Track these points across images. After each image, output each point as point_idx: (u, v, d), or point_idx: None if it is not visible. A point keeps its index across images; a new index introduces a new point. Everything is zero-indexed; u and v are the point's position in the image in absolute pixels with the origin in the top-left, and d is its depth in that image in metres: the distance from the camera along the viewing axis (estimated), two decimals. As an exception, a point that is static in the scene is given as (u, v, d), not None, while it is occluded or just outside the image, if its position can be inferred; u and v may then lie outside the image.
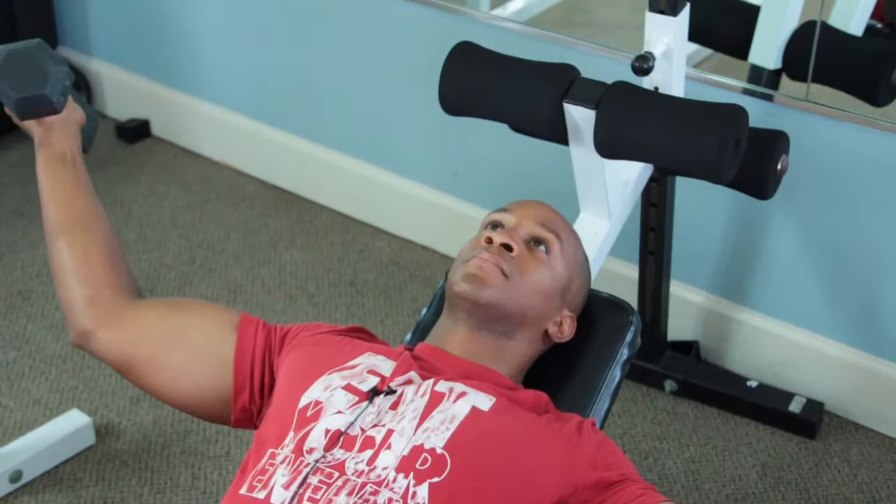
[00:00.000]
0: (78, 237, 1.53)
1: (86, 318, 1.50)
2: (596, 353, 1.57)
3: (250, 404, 1.46)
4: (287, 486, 1.24)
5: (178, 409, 1.52)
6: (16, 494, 2.09)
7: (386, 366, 1.38)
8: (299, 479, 1.24)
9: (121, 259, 1.56)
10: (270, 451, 1.30)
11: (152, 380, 1.49)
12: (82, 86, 3.34)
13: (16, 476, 2.09)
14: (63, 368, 2.41)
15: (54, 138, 1.57)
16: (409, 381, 1.35)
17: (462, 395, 1.32)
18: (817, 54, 2.08)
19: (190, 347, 1.48)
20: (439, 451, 1.25)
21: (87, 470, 2.15)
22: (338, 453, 1.27)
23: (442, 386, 1.33)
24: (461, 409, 1.30)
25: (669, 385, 2.32)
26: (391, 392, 1.33)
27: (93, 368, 2.41)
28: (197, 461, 2.17)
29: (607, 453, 1.32)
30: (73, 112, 1.59)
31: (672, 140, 1.65)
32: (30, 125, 1.57)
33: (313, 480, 1.24)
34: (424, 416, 1.29)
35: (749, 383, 2.30)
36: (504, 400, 1.34)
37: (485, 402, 1.32)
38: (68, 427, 2.18)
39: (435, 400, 1.31)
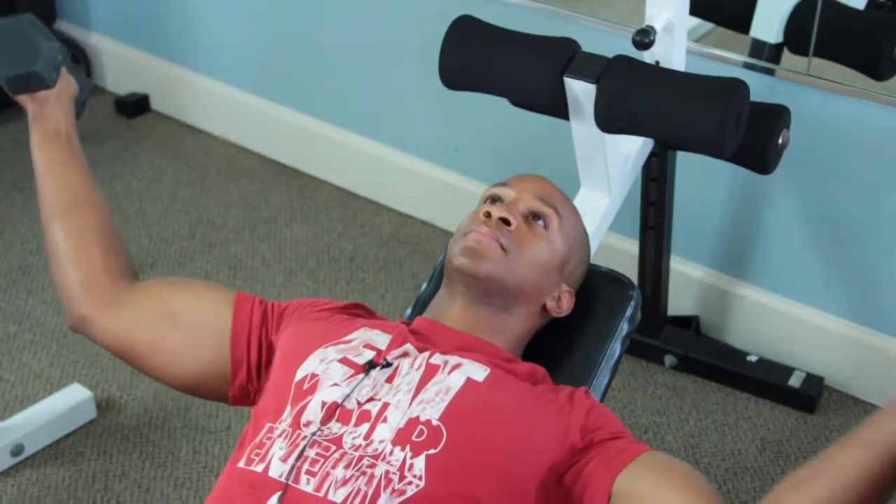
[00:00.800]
0: (74, 220, 1.51)
1: (82, 304, 1.50)
2: (596, 327, 1.57)
3: (248, 382, 1.46)
4: (285, 459, 1.25)
5: (179, 391, 1.52)
6: (17, 468, 2.10)
7: (382, 339, 1.38)
8: (297, 451, 1.25)
9: (117, 241, 1.55)
10: (268, 424, 1.31)
11: (151, 363, 1.49)
12: (81, 60, 3.33)
13: (17, 450, 2.10)
14: (64, 343, 2.42)
15: (48, 113, 1.56)
16: (405, 354, 1.35)
17: (457, 366, 1.32)
18: (819, 28, 2.08)
19: (186, 329, 1.47)
20: (435, 422, 1.26)
21: (88, 444, 2.16)
22: (335, 427, 1.27)
23: (437, 358, 1.34)
24: (456, 380, 1.30)
25: (669, 360, 2.33)
26: (387, 365, 1.33)
27: (93, 343, 2.41)
28: (198, 435, 2.18)
29: (598, 415, 1.33)
30: (66, 86, 1.58)
31: (673, 114, 1.64)
32: (23, 100, 1.57)
33: (311, 453, 1.24)
34: (419, 389, 1.29)
35: (749, 358, 2.31)
36: (499, 371, 1.34)
37: (480, 373, 1.32)
38: (69, 401, 2.19)
39: (430, 372, 1.32)
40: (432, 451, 1.24)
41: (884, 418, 1.11)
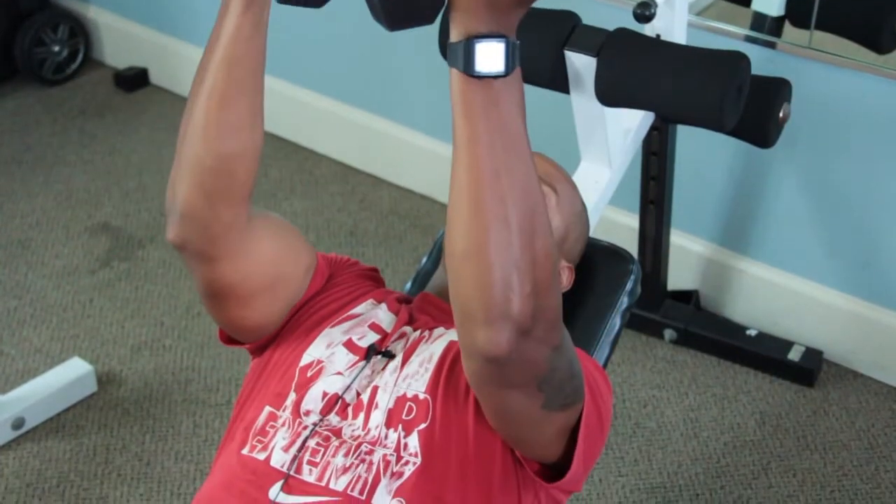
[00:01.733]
0: (253, 140, 1.26)
1: (216, 244, 1.28)
2: (596, 301, 1.57)
3: (269, 339, 1.42)
4: (286, 449, 1.26)
5: (223, 327, 1.40)
6: (18, 441, 2.11)
7: (387, 319, 1.38)
8: (298, 442, 1.26)
9: None
10: (269, 410, 1.31)
11: (235, 312, 1.35)
12: (79, 33, 3.32)
13: (18, 423, 2.11)
14: (64, 317, 2.42)
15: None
16: (402, 336, 1.36)
17: (440, 335, 1.33)
18: (820, 1, 2.07)
19: (278, 296, 1.37)
20: (422, 396, 1.26)
21: (88, 417, 2.17)
22: (334, 420, 1.28)
23: (425, 333, 1.34)
24: (438, 346, 1.31)
25: (669, 334, 2.33)
26: (388, 354, 1.33)
27: (94, 317, 2.42)
28: (198, 409, 2.19)
29: None
30: None
31: (674, 87, 1.64)
32: None
33: (311, 443, 1.25)
34: (404, 363, 1.30)
35: (748, 332, 2.31)
36: None
37: None
38: (70, 375, 2.19)
39: (414, 346, 1.32)
40: (423, 426, 1.24)
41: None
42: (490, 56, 1.02)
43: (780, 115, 1.89)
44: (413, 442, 1.24)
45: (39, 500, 1.99)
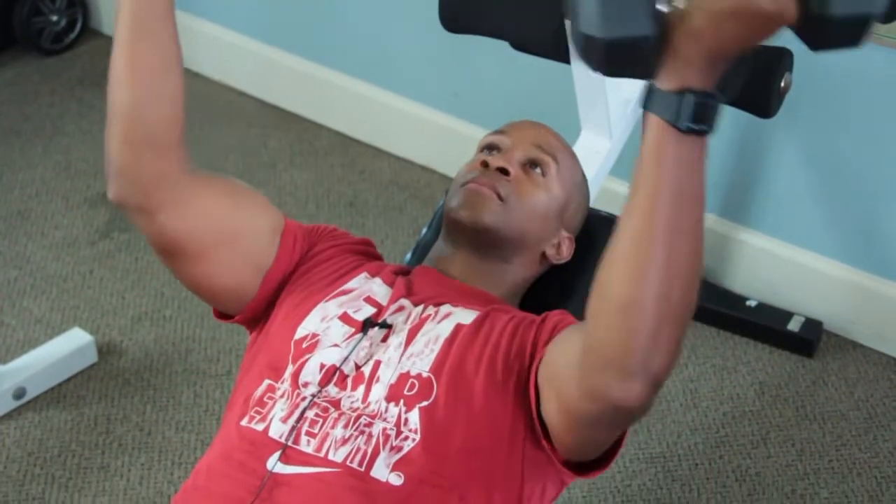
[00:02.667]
0: (168, 88, 1.31)
1: (151, 196, 1.32)
2: (596, 272, 1.56)
3: (255, 311, 1.43)
4: (285, 420, 1.26)
5: (199, 296, 1.43)
6: (20, 411, 2.12)
7: (382, 292, 1.37)
8: (297, 413, 1.25)
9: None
10: (268, 382, 1.31)
11: (194, 269, 1.37)
12: (77, 3, 3.30)
13: (19, 393, 2.11)
14: (64, 288, 2.42)
15: None
16: (400, 309, 1.35)
17: (448, 315, 1.32)
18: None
19: (237, 252, 1.37)
20: (425, 374, 1.26)
21: (89, 387, 2.17)
22: (332, 391, 1.27)
23: (430, 309, 1.34)
24: (445, 328, 1.30)
25: (669, 304, 2.33)
26: (384, 325, 1.33)
27: (94, 288, 2.42)
28: (199, 379, 2.19)
29: (561, 320, 1.32)
30: None
31: (674, 57, 1.63)
32: None
33: (310, 414, 1.25)
34: (409, 342, 1.29)
35: (748, 303, 2.31)
36: (488, 309, 1.34)
37: (468, 317, 1.32)
38: (70, 345, 2.19)
39: (420, 323, 1.31)
40: (425, 404, 1.24)
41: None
42: (701, 112, 0.99)
43: (782, 84, 1.88)
44: (414, 418, 1.23)
45: (41, 470, 2.00)
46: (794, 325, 2.25)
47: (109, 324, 2.32)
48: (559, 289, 1.55)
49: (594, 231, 1.58)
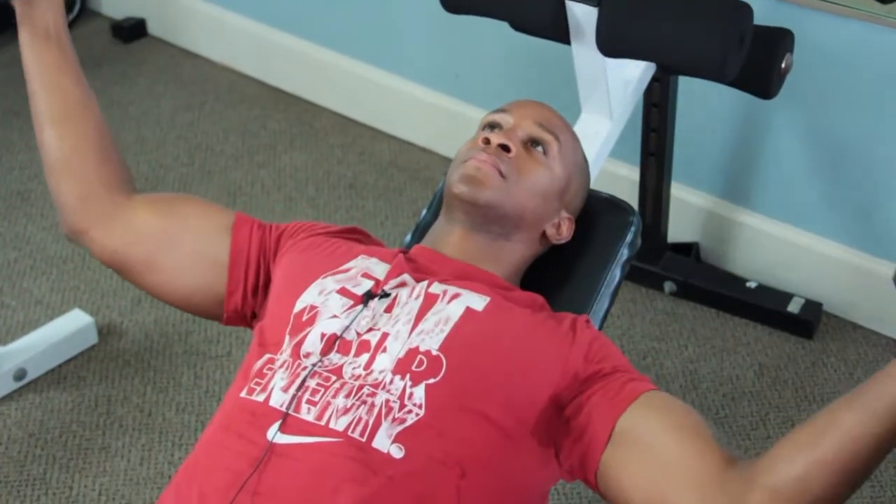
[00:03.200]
0: (68, 129, 1.47)
1: (79, 216, 1.47)
2: (596, 253, 1.57)
3: (243, 306, 1.46)
4: (286, 389, 1.25)
5: (174, 307, 1.51)
6: (21, 392, 2.12)
7: (380, 269, 1.38)
8: (297, 382, 1.25)
9: (113, 151, 1.51)
10: (268, 355, 1.31)
11: (148, 280, 1.48)
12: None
13: (20, 374, 2.11)
14: (64, 269, 2.42)
15: (36, 12, 1.48)
16: (402, 284, 1.35)
17: (456, 296, 1.32)
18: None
19: (184, 249, 1.46)
20: (434, 352, 1.26)
21: (90, 368, 2.18)
22: (334, 357, 1.27)
23: (436, 288, 1.34)
24: (455, 310, 1.30)
25: (669, 286, 2.33)
26: (385, 295, 1.33)
27: (94, 269, 2.42)
28: (199, 360, 2.19)
29: (600, 346, 1.33)
30: None
31: (675, 38, 1.63)
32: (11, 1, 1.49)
33: (311, 383, 1.25)
34: (419, 319, 1.29)
35: (748, 284, 2.31)
36: (498, 299, 1.34)
37: (479, 302, 1.32)
38: (71, 326, 2.20)
39: (429, 302, 1.31)
40: (432, 381, 1.24)
41: (886, 380, 1.11)
42: None
43: (783, 65, 1.88)
44: (419, 393, 1.23)
45: (42, 450, 2.01)
46: (793, 307, 2.25)
47: (109, 305, 2.32)
48: (559, 269, 1.55)
49: (594, 213, 1.58)
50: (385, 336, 1.28)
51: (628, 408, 1.24)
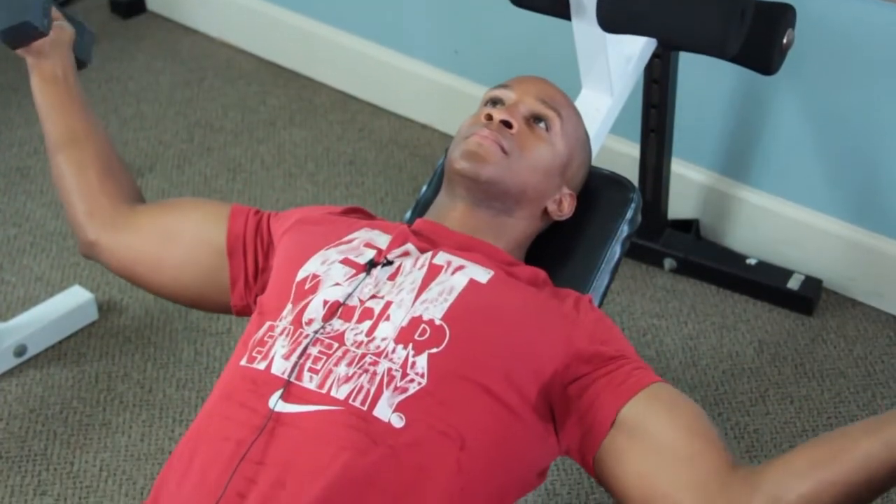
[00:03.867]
0: (73, 152, 1.57)
1: (88, 229, 1.56)
2: (596, 229, 1.57)
3: (246, 293, 1.47)
4: (287, 357, 1.26)
5: (186, 306, 1.60)
6: (21, 368, 2.12)
7: (382, 239, 1.38)
8: (299, 349, 1.26)
9: (118, 168, 1.61)
10: (269, 323, 1.32)
11: (156, 280, 1.55)
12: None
13: (20, 350, 2.12)
14: (64, 245, 2.42)
15: (45, 63, 1.60)
16: (406, 254, 1.35)
17: (460, 268, 1.33)
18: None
19: (185, 243, 1.52)
20: (437, 322, 1.26)
21: (90, 345, 2.18)
22: (336, 324, 1.28)
23: (440, 258, 1.34)
24: (459, 281, 1.31)
25: (669, 263, 2.33)
26: (388, 263, 1.33)
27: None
28: (199, 337, 2.20)
29: (605, 329, 1.33)
30: (61, 34, 1.60)
31: (676, 13, 1.62)
32: (21, 53, 1.60)
33: (313, 351, 1.25)
34: (423, 288, 1.30)
35: (748, 261, 2.31)
36: (502, 273, 1.34)
37: (483, 275, 1.32)
38: (71, 303, 2.20)
39: (433, 272, 1.32)
40: (434, 350, 1.24)
41: None
42: None
43: (784, 41, 1.87)
44: (422, 363, 1.24)
45: (43, 426, 2.01)
46: (793, 284, 2.26)
47: (109, 282, 2.32)
48: (559, 245, 1.55)
49: (595, 189, 1.58)
50: (388, 304, 1.28)
51: (634, 396, 1.25)
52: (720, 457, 1.20)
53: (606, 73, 1.79)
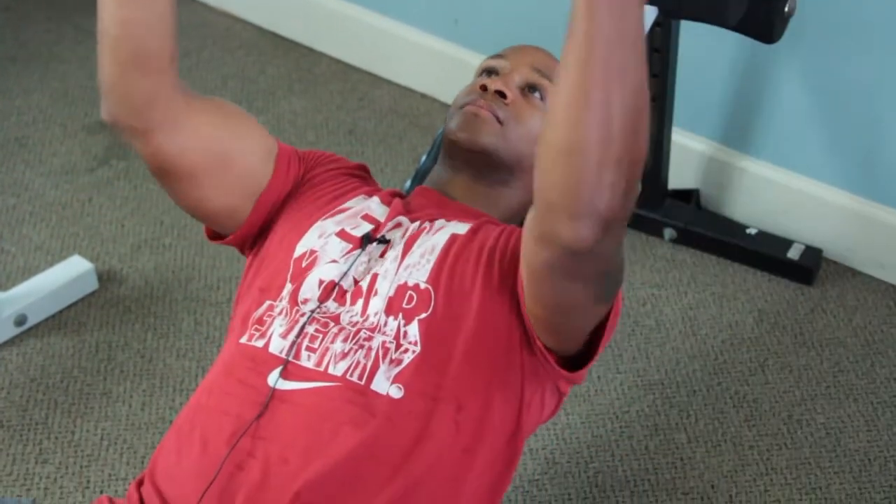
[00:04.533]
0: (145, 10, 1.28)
1: (144, 117, 1.31)
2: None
3: (248, 236, 1.43)
4: (285, 336, 1.27)
5: (195, 217, 1.44)
6: (21, 338, 2.12)
7: (380, 210, 1.38)
8: (296, 328, 1.27)
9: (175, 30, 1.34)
10: (268, 302, 1.32)
11: (185, 190, 1.38)
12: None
13: (20, 319, 2.12)
14: (63, 215, 2.42)
15: None
16: (398, 226, 1.36)
17: (442, 227, 1.34)
18: None
19: (232, 174, 1.38)
20: (423, 286, 1.27)
21: (90, 315, 2.18)
22: (332, 306, 1.28)
23: (426, 224, 1.35)
24: (440, 238, 1.32)
25: (669, 233, 2.33)
26: (383, 241, 1.33)
27: (93, 216, 2.42)
28: (199, 307, 2.20)
29: None
30: None
31: (677, -20, 1.61)
32: None
33: (310, 330, 1.26)
34: (405, 253, 1.31)
35: (748, 231, 2.31)
36: (481, 223, 1.35)
37: (463, 228, 1.33)
38: (71, 272, 2.20)
39: (415, 236, 1.32)
40: (424, 316, 1.25)
41: None
42: None
43: (786, 9, 1.86)
44: (413, 330, 1.25)
45: (44, 395, 2.02)
46: (793, 253, 2.25)
47: (109, 251, 2.32)
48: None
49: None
50: (375, 277, 1.29)
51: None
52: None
53: (607, 41, 1.78)
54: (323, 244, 1.34)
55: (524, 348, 1.27)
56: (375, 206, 1.39)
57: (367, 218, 1.37)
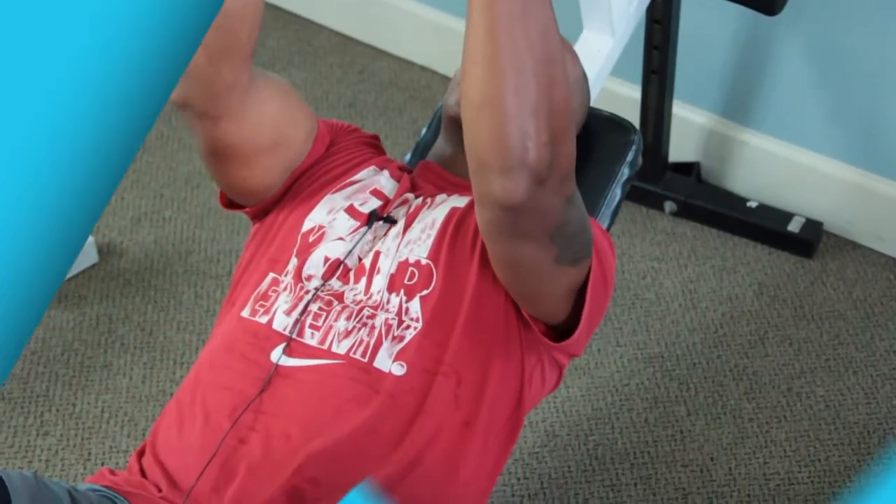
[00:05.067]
0: None
1: (221, 104, 1.29)
2: (596, 172, 1.56)
3: (267, 205, 1.41)
4: (289, 313, 1.27)
5: (224, 188, 1.41)
6: (22, 312, 2.12)
7: (389, 186, 1.38)
8: (300, 306, 1.27)
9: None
10: (272, 276, 1.32)
11: (232, 171, 1.36)
12: None
13: (21, 294, 2.12)
14: (63, 189, 2.41)
15: None
16: (404, 202, 1.36)
17: (442, 202, 1.34)
18: None
19: (280, 157, 1.37)
20: (424, 262, 1.27)
21: (90, 287, 2.18)
22: (336, 284, 1.29)
23: (427, 199, 1.35)
24: (440, 212, 1.32)
25: (669, 206, 2.33)
26: (390, 220, 1.33)
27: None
28: (199, 280, 2.20)
29: None
30: None
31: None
32: None
33: (314, 308, 1.26)
34: (406, 229, 1.31)
35: (749, 204, 2.31)
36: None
37: (462, 201, 1.33)
38: (71, 246, 2.19)
39: (416, 211, 1.32)
40: (425, 292, 1.25)
41: None
42: None
43: (788, -19, 1.85)
44: (415, 307, 1.25)
45: (45, 368, 2.02)
46: (794, 226, 2.25)
47: (109, 224, 2.32)
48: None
49: (595, 131, 1.57)
50: (377, 255, 1.29)
51: None
52: None
53: (608, 13, 1.77)
54: (331, 220, 1.34)
55: (520, 320, 1.28)
56: (385, 181, 1.39)
57: (375, 193, 1.37)
